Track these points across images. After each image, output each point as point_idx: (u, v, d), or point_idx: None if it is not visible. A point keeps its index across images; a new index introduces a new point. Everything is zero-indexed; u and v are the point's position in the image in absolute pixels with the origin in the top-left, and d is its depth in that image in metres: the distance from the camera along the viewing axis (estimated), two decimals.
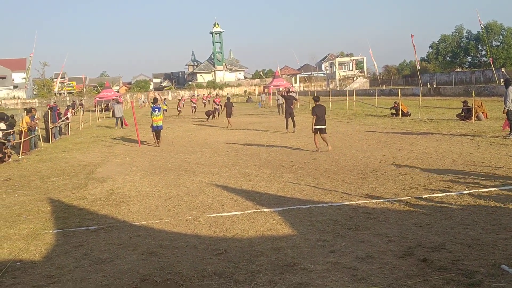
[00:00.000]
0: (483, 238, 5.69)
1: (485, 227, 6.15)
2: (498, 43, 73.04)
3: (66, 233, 6.93)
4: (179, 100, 42.78)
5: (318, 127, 14.31)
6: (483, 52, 74.76)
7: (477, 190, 8.11)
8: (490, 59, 52.49)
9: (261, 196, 8.66)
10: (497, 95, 39.26)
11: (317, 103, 14.70)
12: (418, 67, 64.54)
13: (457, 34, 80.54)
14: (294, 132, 19.60)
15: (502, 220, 6.41)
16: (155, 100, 19.10)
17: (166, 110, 33.12)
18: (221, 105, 32.20)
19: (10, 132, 16.56)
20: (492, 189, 8.14)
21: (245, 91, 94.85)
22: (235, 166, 12.16)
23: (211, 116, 30.14)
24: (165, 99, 44.74)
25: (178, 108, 38.63)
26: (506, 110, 14.71)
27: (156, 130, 17.77)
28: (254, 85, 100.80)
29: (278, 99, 32.42)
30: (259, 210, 7.62)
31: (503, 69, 59.06)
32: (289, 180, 9.97)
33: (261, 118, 30.27)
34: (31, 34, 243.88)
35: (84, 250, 6.09)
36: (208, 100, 59.76)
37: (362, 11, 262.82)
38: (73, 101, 64.24)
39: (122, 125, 28.24)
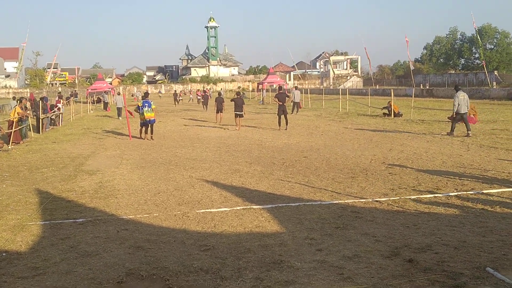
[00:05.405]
0: (469, 240, 5.73)
1: (472, 229, 6.19)
2: (492, 46, 73.44)
3: (53, 225, 6.88)
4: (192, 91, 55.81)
5: (236, 113, 20.54)
6: (477, 55, 75.12)
7: (465, 192, 8.16)
8: (483, 62, 52.80)
9: (251, 193, 8.66)
10: (489, 98, 39.57)
11: (238, 96, 21.18)
12: (412, 67, 64.86)
13: (451, 36, 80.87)
14: (286, 129, 19.60)
15: (488, 222, 6.46)
16: (146, 94, 18.99)
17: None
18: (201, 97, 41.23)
19: None
20: (480, 191, 8.20)
21: (239, 87, 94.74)
22: (226, 162, 12.15)
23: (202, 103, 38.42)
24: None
25: (198, 97, 48.76)
26: (453, 113, 16.01)
27: (149, 123, 17.60)
28: (248, 81, 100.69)
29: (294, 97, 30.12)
30: (248, 207, 7.62)
31: (496, 72, 59.45)
32: (280, 177, 9.98)
33: (254, 114, 30.23)
34: (24, 23, 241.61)
35: (71, 243, 6.05)
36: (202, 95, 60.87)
37: (358, 10, 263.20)
38: (74, 90, 64.33)
39: (120, 115, 29.15)
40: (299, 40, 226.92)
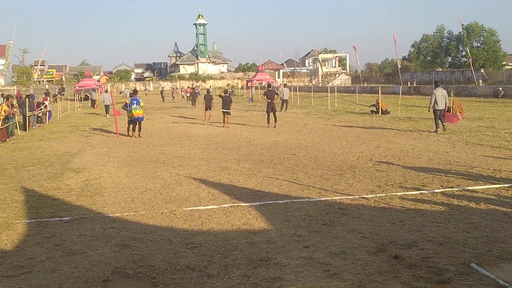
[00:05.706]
0: (454, 236, 5.79)
1: (457, 225, 6.26)
2: (479, 44, 74.04)
3: (39, 223, 6.82)
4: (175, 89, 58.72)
5: (224, 110, 20.78)
6: (464, 53, 75.66)
7: (450, 189, 8.24)
8: (470, 60, 53.25)
9: (239, 190, 8.66)
10: (476, 96, 39.98)
11: (226, 95, 21.26)
12: (399, 65, 65.27)
13: (439, 34, 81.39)
14: (275, 127, 19.62)
15: (473, 219, 6.53)
16: (135, 92, 18.88)
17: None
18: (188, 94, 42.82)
19: None
20: (466, 188, 8.28)
21: (228, 84, 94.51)
22: (214, 159, 12.13)
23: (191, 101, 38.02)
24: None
25: (187, 94, 47.53)
26: (431, 109, 16.57)
27: (137, 121, 17.46)
28: (238, 78, 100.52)
29: (283, 95, 29.19)
30: (236, 204, 7.62)
31: (482, 70, 60.01)
32: (268, 175, 9.99)
33: (243, 112, 30.22)
34: (11, 20, 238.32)
35: (57, 241, 6.01)
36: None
37: (346, 9, 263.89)
38: (61, 86, 63.94)
39: (107, 112, 29.05)
40: (288, 38, 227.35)
